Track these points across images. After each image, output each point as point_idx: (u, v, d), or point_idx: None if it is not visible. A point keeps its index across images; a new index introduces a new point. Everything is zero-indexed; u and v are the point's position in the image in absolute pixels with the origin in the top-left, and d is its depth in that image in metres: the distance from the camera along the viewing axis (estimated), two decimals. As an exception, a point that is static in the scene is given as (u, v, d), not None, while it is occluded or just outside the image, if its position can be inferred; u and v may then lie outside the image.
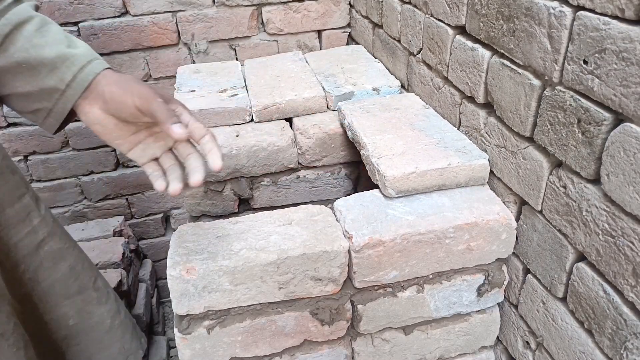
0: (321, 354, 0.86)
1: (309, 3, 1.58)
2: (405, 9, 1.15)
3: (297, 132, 1.11)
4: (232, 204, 1.13)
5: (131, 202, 1.76)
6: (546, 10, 0.67)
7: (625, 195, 0.59)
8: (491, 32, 0.82)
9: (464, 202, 0.84)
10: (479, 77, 0.87)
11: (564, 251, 0.72)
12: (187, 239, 0.80)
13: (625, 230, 0.60)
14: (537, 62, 0.71)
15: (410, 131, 0.96)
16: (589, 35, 0.61)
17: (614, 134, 0.59)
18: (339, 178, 1.19)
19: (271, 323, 0.80)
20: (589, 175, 0.65)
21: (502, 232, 0.81)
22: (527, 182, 0.78)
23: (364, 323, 0.84)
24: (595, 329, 0.68)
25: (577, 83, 0.65)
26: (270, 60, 1.40)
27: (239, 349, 0.82)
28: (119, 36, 1.51)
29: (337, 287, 0.81)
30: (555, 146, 0.71)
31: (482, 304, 0.88)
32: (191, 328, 0.78)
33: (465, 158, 0.86)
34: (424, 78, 1.11)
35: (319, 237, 0.78)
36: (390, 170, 0.84)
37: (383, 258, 0.79)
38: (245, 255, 0.75)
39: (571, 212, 0.69)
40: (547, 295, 0.78)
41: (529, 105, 0.75)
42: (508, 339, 0.93)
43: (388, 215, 0.81)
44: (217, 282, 0.75)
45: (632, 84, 0.56)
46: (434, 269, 0.83)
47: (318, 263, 0.77)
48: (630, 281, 0.60)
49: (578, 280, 0.70)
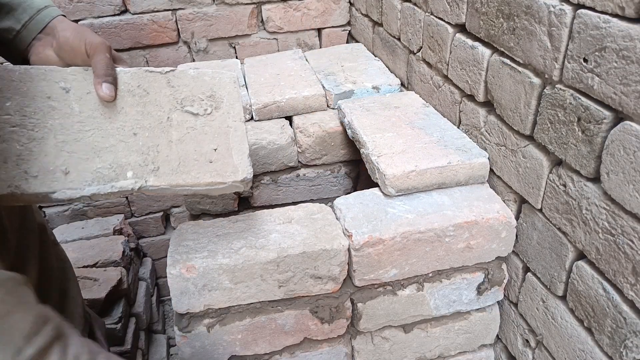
0: (321, 352, 0.86)
1: (309, 1, 1.58)
2: (405, 7, 1.15)
3: (297, 130, 1.11)
4: (232, 203, 1.13)
5: (131, 201, 1.76)
6: (546, 9, 0.67)
7: (625, 193, 0.59)
8: (491, 31, 0.82)
9: (463, 200, 0.84)
10: (479, 76, 0.87)
11: (564, 249, 0.72)
12: (187, 237, 0.80)
13: (625, 229, 0.60)
14: (537, 60, 0.71)
15: (410, 129, 0.96)
16: (589, 33, 0.61)
17: (614, 133, 0.59)
18: (339, 176, 1.19)
19: (271, 321, 0.81)
20: (589, 174, 0.65)
21: (502, 230, 0.81)
22: (527, 181, 0.78)
23: (364, 321, 0.84)
24: (594, 327, 0.68)
25: (577, 81, 0.64)
26: (270, 58, 1.40)
27: (239, 347, 0.82)
28: (119, 34, 1.51)
29: (337, 286, 0.81)
30: (555, 144, 0.71)
31: (481, 302, 0.88)
32: (191, 326, 0.78)
33: (465, 156, 0.86)
34: (424, 76, 1.11)
35: (319, 236, 0.78)
36: (390, 168, 0.84)
37: (383, 256, 0.79)
38: (245, 253, 0.75)
39: (571, 210, 0.69)
40: (546, 294, 0.78)
41: (529, 103, 0.75)
42: (508, 337, 0.93)
43: (388, 214, 0.81)
44: (217, 280, 0.75)
45: (632, 82, 0.56)
46: (433, 267, 0.83)
47: (318, 261, 0.77)
48: (630, 279, 0.60)
49: (578, 278, 0.70)
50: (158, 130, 0.64)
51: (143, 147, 0.63)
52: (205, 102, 0.67)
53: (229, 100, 0.68)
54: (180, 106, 0.66)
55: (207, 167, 0.64)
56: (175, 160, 0.63)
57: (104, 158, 0.61)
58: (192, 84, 0.67)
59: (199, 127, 0.66)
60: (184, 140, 0.64)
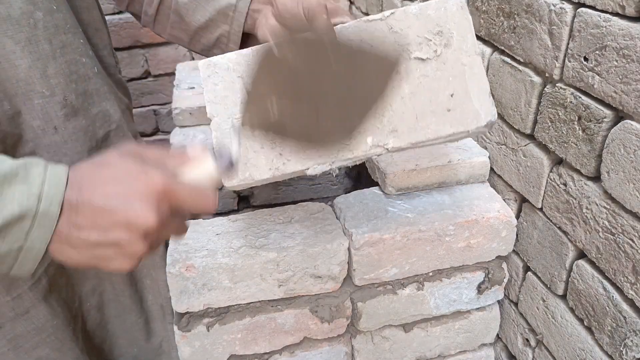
0: (321, 352, 0.86)
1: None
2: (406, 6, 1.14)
3: (296, 129, 1.11)
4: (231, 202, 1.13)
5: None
6: (547, 7, 0.67)
7: (626, 192, 0.59)
8: (492, 29, 0.81)
9: (464, 199, 0.83)
10: (479, 74, 0.87)
11: (564, 248, 0.72)
12: (186, 236, 0.79)
13: (626, 228, 0.60)
14: (538, 59, 0.71)
15: (410, 128, 0.96)
16: (589, 32, 0.61)
17: (614, 131, 0.59)
18: (339, 175, 1.19)
19: (271, 320, 0.80)
20: (590, 173, 0.65)
21: (502, 229, 0.81)
22: (528, 180, 0.78)
23: (364, 320, 0.84)
24: (595, 326, 0.68)
25: (577, 80, 0.64)
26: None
27: (239, 347, 0.82)
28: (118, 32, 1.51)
29: (336, 285, 0.80)
30: (556, 143, 0.71)
31: (482, 302, 0.88)
32: (191, 325, 0.78)
33: (465, 155, 0.86)
34: (424, 75, 1.11)
35: (319, 235, 0.78)
36: (390, 167, 0.84)
37: (383, 255, 0.78)
38: (245, 252, 0.75)
39: (571, 209, 0.69)
40: (547, 293, 0.78)
41: (529, 102, 0.74)
42: (508, 336, 0.93)
43: (388, 213, 0.81)
44: (216, 279, 0.75)
45: (632, 81, 0.55)
46: (434, 266, 0.83)
47: (318, 260, 0.77)
48: (630, 278, 0.60)
49: (578, 277, 0.70)
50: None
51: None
52: (434, 42, 0.59)
53: (459, 32, 0.59)
54: (406, 54, 0.59)
55: (445, 117, 0.58)
56: (412, 116, 0.58)
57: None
58: (416, 24, 0.59)
59: (430, 73, 0.59)
60: (416, 92, 0.58)
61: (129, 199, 0.42)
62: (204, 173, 0.47)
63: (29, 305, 0.67)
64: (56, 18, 0.62)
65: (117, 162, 0.44)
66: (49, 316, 0.69)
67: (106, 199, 0.42)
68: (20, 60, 0.59)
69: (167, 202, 0.43)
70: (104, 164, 0.44)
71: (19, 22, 0.58)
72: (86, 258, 0.44)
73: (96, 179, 0.43)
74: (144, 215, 0.41)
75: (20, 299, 0.66)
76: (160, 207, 0.42)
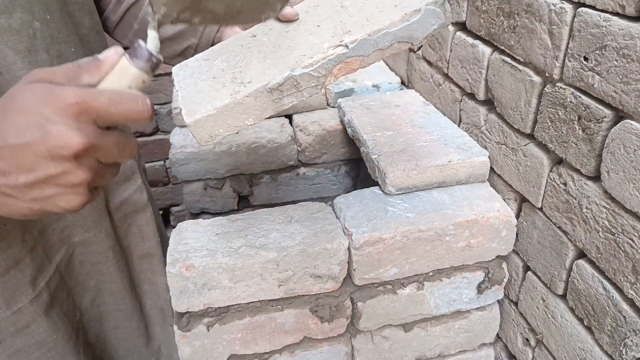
0: (321, 351, 0.86)
1: None
2: (406, 6, 1.14)
3: (296, 129, 1.11)
4: (231, 201, 1.13)
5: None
6: (547, 7, 0.67)
7: (626, 192, 0.59)
8: (492, 29, 0.81)
9: (464, 199, 0.84)
10: (479, 74, 0.87)
11: (564, 248, 0.72)
12: (186, 235, 0.80)
13: (625, 228, 0.60)
14: (538, 58, 0.71)
15: (411, 128, 0.96)
16: (589, 31, 0.61)
17: (614, 131, 0.59)
18: (339, 175, 1.19)
19: (271, 320, 0.80)
20: (589, 172, 0.65)
21: (502, 229, 0.81)
22: (528, 179, 0.78)
23: (364, 320, 0.84)
24: (594, 326, 0.68)
25: (577, 80, 0.64)
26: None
27: (239, 346, 0.82)
28: (118, 33, 1.50)
29: (336, 285, 0.80)
30: (556, 143, 0.71)
31: (482, 301, 0.88)
32: (191, 325, 0.78)
33: (465, 155, 0.86)
34: (424, 75, 1.11)
35: (319, 235, 0.78)
36: (390, 167, 0.84)
37: (383, 255, 0.78)
38: (245, 252, 0.75)
39: (571, 209, 0.69)
40: (547, 293, 0.78)
41: (529, 102, 0.74)
42: (508, 336, 0.93)
43: (388, 213, 0.81)
44: (216, 279, 0.75)
45: (632, 80, 0.55)
46: (434, 266, 0.83)
47: (318, 260, 0.77)
48: (630, 278, 0.60)
49: (578, 277, 0.70)
50: (336, 16, 0.63)
51: (329, 27, 0.62)
52: None
53: None
54: None
55: (394, 10, 0.60)
56: (362, 20, 0.61)
57: (298, 51, 0.60)
58: None
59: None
60: (363, 7, 0.63)
61: (43, 125, 0.37)
62: (122, 74, 0.43)
63: (30, 319, 0.66)
64: (51, 28, 0.62)
65: (23, 92, 0.39)
66: (50, 330, 0.68)
67: (20, 133, 0.37)
68: (21, 71, 0.59)
69: (87, 115, 0.38)
70: (9, 98, 0.39)
71: (19, 33, 0.58)
72: (27, 204, 0.40)
73: (6, 118, 0.38)
74: (64, 137, 0.37)
75: (20, 313, 0.65)
76: (80, 123, 0.38)
